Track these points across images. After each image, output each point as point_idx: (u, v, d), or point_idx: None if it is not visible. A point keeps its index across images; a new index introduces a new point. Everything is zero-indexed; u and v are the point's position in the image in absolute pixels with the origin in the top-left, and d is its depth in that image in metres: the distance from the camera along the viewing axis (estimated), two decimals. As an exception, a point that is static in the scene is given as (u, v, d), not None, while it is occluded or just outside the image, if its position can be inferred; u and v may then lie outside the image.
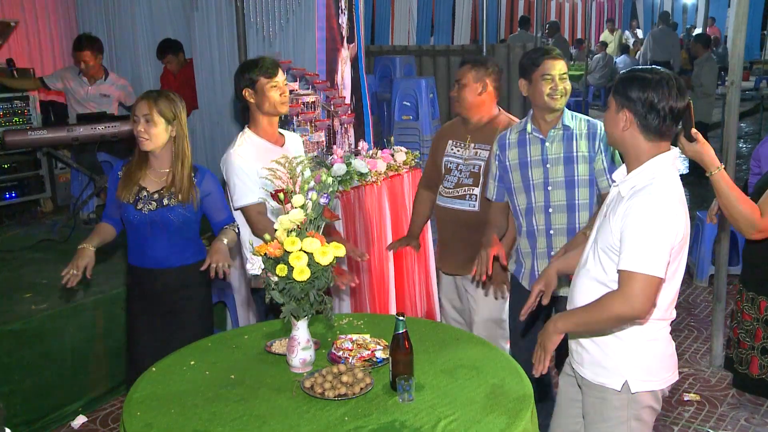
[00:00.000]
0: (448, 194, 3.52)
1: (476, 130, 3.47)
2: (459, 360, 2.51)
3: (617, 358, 2.30)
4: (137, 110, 2.97)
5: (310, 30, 4.91)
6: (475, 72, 3.43)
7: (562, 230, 3.14)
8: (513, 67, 8.75)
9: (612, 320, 2.21)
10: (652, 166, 2.24)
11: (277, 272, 2.32)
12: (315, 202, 2.40)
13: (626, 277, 2.15)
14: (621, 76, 2.29)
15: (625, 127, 2.25)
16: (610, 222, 2.26)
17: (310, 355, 2.46)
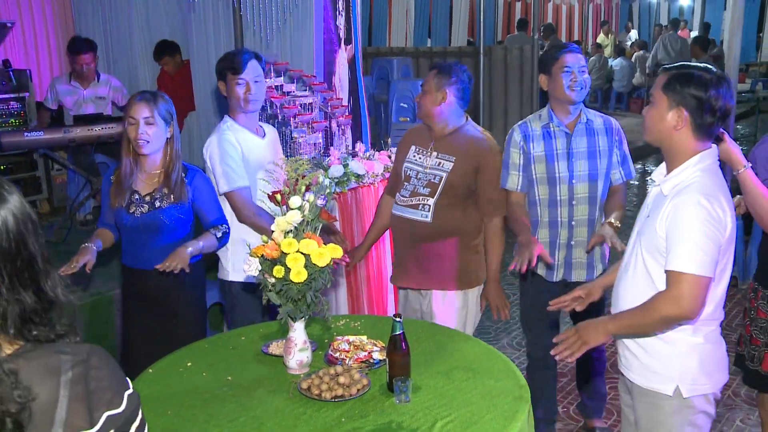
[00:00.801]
0: (403, 203, 3.34)
1: (440, 139, 3.29)
2: (455, 361, 2.51)
3: (667, 363, 2.26)
4: (135, 113, 2.94)
5: (308, 31, 4.91)
6: (437, 80, 3.24)
7: (584, 221, 3.27)
8: (510, 69, 8.78)
9: (660, 322, 2.18)
10: (696, 164, 2.20)
11: (274, 274, 2.32)
12: (312, 203, 2.40)
13: (674, 277, 2.11)
14: (675, 73, 2.22)
15: (678, 126, 2.20)
16: (654, 224, 2.22)
17: (307, 356, 2.46)
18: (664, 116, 2.22)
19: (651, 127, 2.28)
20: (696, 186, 2.16)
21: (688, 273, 2.09)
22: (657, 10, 21.33)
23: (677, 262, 2.11)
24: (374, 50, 10.07)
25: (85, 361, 1.18)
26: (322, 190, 2.46)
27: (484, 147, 3.26)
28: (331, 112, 4.68)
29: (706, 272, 2.09)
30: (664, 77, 2.24)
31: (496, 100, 8.92)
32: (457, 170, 3.21)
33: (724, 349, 2.33)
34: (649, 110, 2.28)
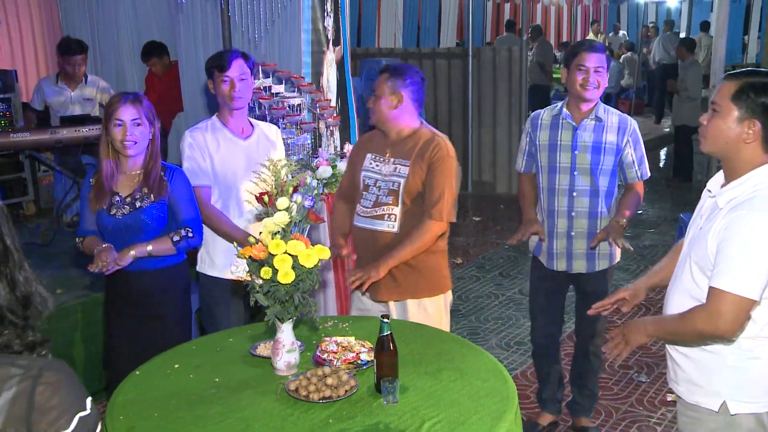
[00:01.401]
0: (366, 214, 3.14)
1: (396, 144, 3.14)
2: (443, 362, 2.51)
3: (715, 377, 2.15)
4: (122, 114, 2.94)
5: (296, 32, 4.90)
6: (391, 83, 3.10)
7: (584, 213, 3.36)
8: (498, 70, 8.80)
9: (695, 335, 2.12)
10: (756, 178, 2.07)
11: (262, 275, 2.32)
12: (299, 204, 2.40)
13: (715, 294, 2.02)
14: (747, 82, 2.07)
15: (747, 138, 2.07)
16: (706, 236, 2.11)
17: (295, 357, 2.46)
18: (733, 127, 2.08)
19: (716, 137, 2.13)
20: (752, 202, 2.03)
21: (731, 293, 1.99)
22: (645, 11, 21.42)
23: (722, 279, 2.01)
24: (363, 51, 10.07)
25: (35, 377, 1.13)
26: (310, 191, 2.46)
27: (438, 150, 3.07)
28: (319, 114, 4.68)
29: (750, 294, 1.99)
30: (734, 85, 2.08)
31: (485, 101, 8.94)
32: (413, 174, 3.06)
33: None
34: (713, 120, 2.13)
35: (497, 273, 6.20)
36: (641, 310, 5.13)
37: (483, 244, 6.93)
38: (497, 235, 7.06)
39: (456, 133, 9.19)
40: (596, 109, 3.33)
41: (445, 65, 9.17)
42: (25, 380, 1.12)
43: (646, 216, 8.11)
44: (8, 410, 1.10)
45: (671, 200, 8.88)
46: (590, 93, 3.27)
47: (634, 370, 4.37)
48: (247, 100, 3.36)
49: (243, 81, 3.28)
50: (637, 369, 4.39)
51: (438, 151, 3.07)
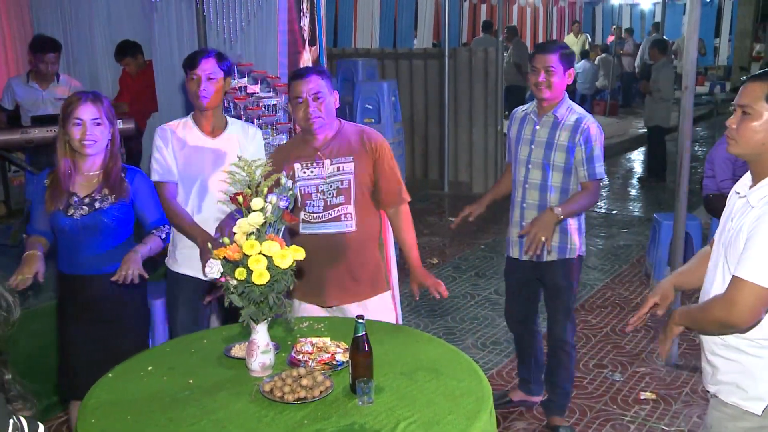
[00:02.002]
0: (318, 219, 3.08)
1: (326, 145, 3.08)
2: (419, 362, 2.52)
3: (759, 381, 2.12)
4: (82, 113, 2.89)
5: (272, 33, 4.89)
6: (328, 83, 3.07)
7: (534, 205, 3.51)
8: (474, 71, 8.83)
9: (713, 324, 2.14)
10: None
11: (236, 276, 2.31)
12: (274, 205, 2.39)
13: (735, 283, 2.04)
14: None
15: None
16: (738, 235, 2.11)
17: (270, 358, 2.45)
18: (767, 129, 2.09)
19: (748, 139, 2.12)
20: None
21: (750, 281, 2.00)
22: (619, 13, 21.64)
23: (743, 269, 2.03)
24: (339, 52, 10.06)
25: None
26: (285, 191, 2.45)
27: (374, 136, 3.12)
28: (294, 114, 4.66)
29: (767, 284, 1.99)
30: (764, 86, 2.09)
31: (461, 102, 8.98)
32: (359, 168, 3.06)
33: None
34: (745, 122, 2.12)
35: (473, 273, 6.23)
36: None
37: (459, 244, 6.95)
38: (473, 235, 7.08)
39: (432, 133, 9.22)
40: (557, 107, 3.45)
41: (421, 66, 9.19)
42: None
43: (620, 216, 8.20)
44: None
45: (645, 200, 8.98)
46: (543, 92, 3.41)
47: (608, 368, 4.42)
48: (213, 100, 3.25)
49: (210, 80, 3.20)
50: (611, 368, 4.43)
51: (375, 140, 3.11)
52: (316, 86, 3.00)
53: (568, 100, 3.50)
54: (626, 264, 6.46)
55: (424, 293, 3.20)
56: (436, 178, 9.26)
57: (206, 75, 3.20)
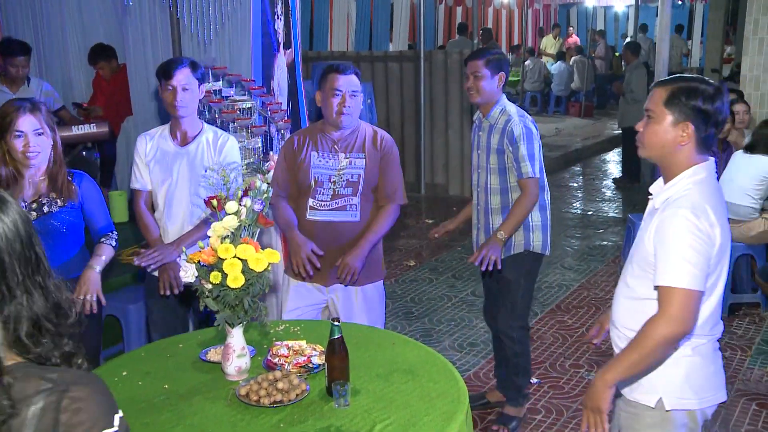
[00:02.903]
0: (324, 207, 3.28)
1: (342, 140, 3.31)
2: (395, 364, 2.52)
3: (653, 375, 2.20)
4: (22, 125, 2.83)
5: (246, 36, 4.87)
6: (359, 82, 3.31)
7: (483, 209, 3.65)
8: (450, 73, 8.87)
9: (661, 345, 2.08)
10: (689, 177, 2.16)
11: (211, 279, 2.30)
12: (249, 208, 2.39)
13: (665, 293, 2.06)
14: (678, 87, 2.15)
15: (683, 141, 2.15)
16: (643, 237, 2.19)
17: (246, 362, 2.44)
18: (668, 131, 2.15)
19: (654, 143, 2.20)
20: (684, 200, 2.10)
21: (679, 288, 2.04)
22: (593, 15, 21.85)
23: (667, 277, 2.05)
24: (315, 55, 10.05)
25: (62, 392, 1.13)
26: (260, 194, 2.44)
27: (387, 140, 3.39)
28: (270, 117, 4.65)
29: (696, 286, 2.05)
30: (665, 91, 2.16)
31: (437, 104, 9.01)
32: (369, 166, 3.30)
33: (717, 366, 2.27)
34: (649, 126, 2.20)
35: (450, 275, 6.25)
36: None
37: (436, 246, 6.97)
38: (450, 237, 7.11)
39: (408, 135, 9.24)
40: (490, 112, 3.52)
41: (397, 68, 9.21)
42: (53, 394, 1.12)
43: (595, 217, 8.27)
44: (36, 424, 1.11)
45: (620, 201, 9.07)
46: (473, 97, 3.52)
47: (584, 368, 4.45)
48: (190, 109, 3.33)
49: (186, 91, 3.24)
50: (588, 367, 4.46)
51: (388, 143, 3.38)
52: (354, 83, 3.25)
53: (502, 103, 3.51)
54: (602, 264, 6.52)
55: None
56: (413, 180, 9.28)
57: (181, 86, 3.23)
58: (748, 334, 4.93)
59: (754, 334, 4.94)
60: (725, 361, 4.42)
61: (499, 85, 3.49)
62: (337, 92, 3.22)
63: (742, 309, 5.32)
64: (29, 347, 1.14)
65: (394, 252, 6.76)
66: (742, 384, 4.23)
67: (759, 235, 5.09)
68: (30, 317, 1.14)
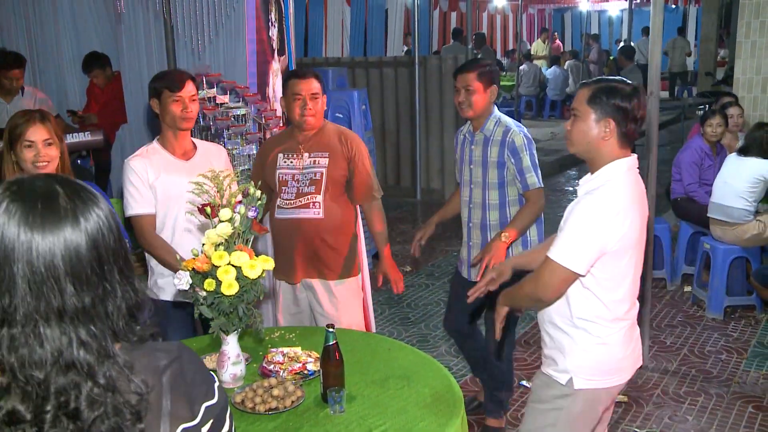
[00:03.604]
0: (289, 205, 3.35)
1: (307, 140, 3.37)
2: (390, 370, 2.52)
3: (567, 357, 2.39)
4: (32, 135, 2.81)
5: (240, 43, 4.88)
6: (320, 86, 3.37)
7: (477, 225, 3.54)
8: (445, 78, 8.88)
9: (525, 298, 2.41)
10: (609, 170, 2.33)
11: (206, 287, 2.30)
12: (243, 215, 2.39)
13: (545, 262, 2.30)
14: (598, 87, 2.34)
15: (606, 136, 2.32)
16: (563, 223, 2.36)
17: (241, 369, 2.44)
18: (592, 128, 2.33)
19: (579, 139, 2.37)
20: (600, 190, 2.28)
21: (556, 262, 2.25)
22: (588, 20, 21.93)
23: (553, 250, 2.28)
24: (310, 61, 10.06)
25: (179, 358, 1.22)
26: (253, 201, 2.44)
27: (352, 137, 3.42)
28: (264, 124, 4.66)
29: (572, 266, 2.24)
30: (588, 91, 2.35)
31: (432, 109, 9.02)
32: (333, 164, 3.33)
33: (624, 351, 2.42)
34: (575, 123, 2.37)
35: (446, 280, 6.24)
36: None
37: (432, 251, 6.97)
38: (446, 242, 7.11)
39: (404, 140, 9.25)
40: (484, 125, 3.43)
41: (392, 74, 9.22)
42: (174, 362, 1.21)
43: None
44: (172, 386, 1.19)
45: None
46: (464, 112, 3.43)
47: (580, 372, 4.45)
48: (195, 120, 3.28)
49: (194, 102, 3.20)
50: (584, 371, 4.46)
51: (354, 141, 3.40)
52: (315, 87, 3.31)
53: (495, 115, 3.45)
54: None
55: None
56: (409, 185, 9.28)
57: (190, 97, 3.18)
58: (744, 337, 4.94)
59: (750, 336, 4.95)
60: (721, 364, 4.47)
61: (492, 98, 3.43)
62: (298, 96, 3.29)
63: (737, 312, 5.34)
64: (129, 336, 1.18)
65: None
66: (738, 386, 4.24)
67: (753, 237, 5.11)
68: (128, 308, 1.18)
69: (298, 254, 3.37)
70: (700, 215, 5.44)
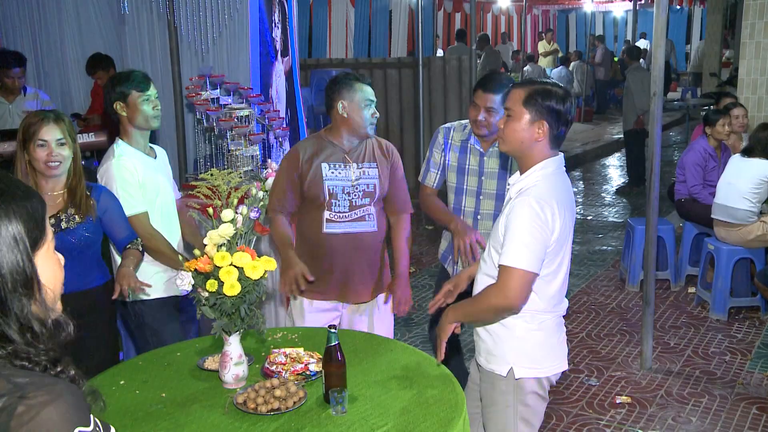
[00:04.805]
0: (343, 218, 3.20)
1: (352, 150, 3.23)
2: (392, 371, 2.52)
3: (504, 347, 2.47)
4: (46, 134, 2.83)
5: (244, 44, 4.89)
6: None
7: (487, 235, 3.29)
8: (449, 79, 8.89)
9: (491, 311, 2.40)
10: (539, 170, 2.39)
11: (208, 287, 2.30)
12: (245, 216, 2.39)
13: (503, 271, 2.32)
14: (533, 89, 2.38)
15: (538, 137, 2.38)
16: (498, 221, 2.43)
17: (243, 370, 2.44)
18: (526, 128, 2.38)
19: (512, 138, 2.41)
20: (533, 190, 2.34)
21: (515, 268, 2.29)
22: (592, 21, 21.89)
23: (506, 258, 2.30)
24: (314, 62, 10.07)
25: (21, 397, 1.09)
26: (256, 202, 2.45)
27: (392, 149, 3.37)
28: (268, 125, 4.66)
29: (530, 268, 2.30)
30: (523, 92, 2.39)
31: (436, 110, 9.02)
32: (381, 175, 3.27)
33: (560, 339, 2.54)
34: (509, 123, 2.41)
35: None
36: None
37: (436, 252, 6.93)
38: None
39: (408, 142, 9.25)
40: None
41: (395, 75, 9.23)
42: (11, 398, 1.09)
43: (595, 222, 8.27)
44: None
45: (620, 206, 9.06)
46: (480, 131, 3.29)
47: (584, 373, 4.44)
48: None
49: (158, 100, 3.28)
50: (587, 373, 4.46)
51: (394, 151, 3.36)
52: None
53: None
54: (602, 269, 6.52)
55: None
56: (412, 187, 9.18)
57: (155, 95, 3.27)
58: (748, 338, 4.92)
59: (754, 337, 4.94)
60: (725, 365, 4.46)
61: None
62: (369, 102, 3.17)
63: (741, 313, 5.32)
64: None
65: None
66: (742, 388, 4.22)
67: (757, 238, 5.09)
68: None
69: (353, 272, 3.22)
70: (704, 216, 5.43)
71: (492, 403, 2.54)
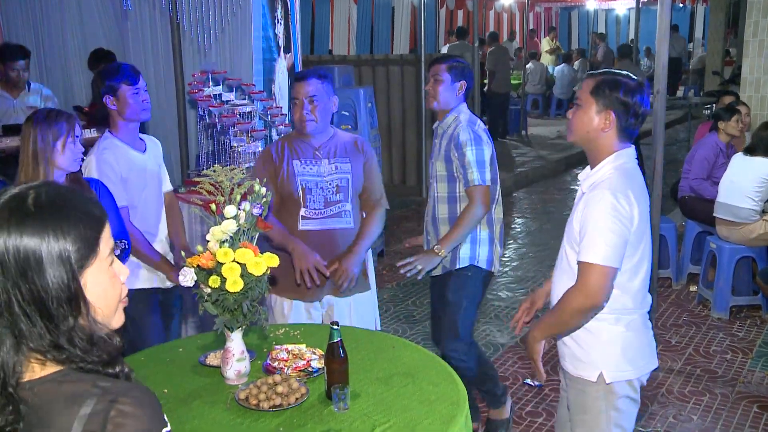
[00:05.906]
0: (318, 215, 3.20)
1: (322, 146, 3.23)
2: (394, 367, 2.52)
3: (592, 351, 2.41)
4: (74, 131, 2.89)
5: (246, 40, 4.89)
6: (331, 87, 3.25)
7: (444, 220, 3.43)
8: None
9: (575, 314, 2.32)
10: (611, 162, 2.35)
11: (210, 284, 2.30)
12: (248, 212, 2.39)
13: (582, 268, 2.27)
14: (603, 79, 2.35)
15: (605, 128, 2.35)
16: (572, 218, 2.38)
17: (245, 366, 2.44)
18: (593, 118, 2.35)
19: (579, 128, 2.40)
20: (607, 183, 2.30)
21: (594, 264, 2.23)
22: (594, 18, 21.88)
23: (585, 254, 2.26)
24: (316, 58, 10.06)
25: (111, 401, 1.14)
26: (258, 198, 2.45)
27: (366, 144, 3.36)
28: (270, 121, 4.66)
29: (610, 263, 2.24)
30: (592, 82, 2.37)
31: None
32: (355, 171, 3.24)
33: (648, 337, 2.47)
34: (576, 112, 2.40)
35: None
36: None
37: (437, 249, 6.96)
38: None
39: (409, 139, 9.24)
40: (444, 119, 3.41)
41: (398, 72, 9.22)
42: (101, 402, 1.14)
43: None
44: (84, 424, 1.13)
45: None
46: (429, 101, 3.43)
47: (585, 371, 4.44)
48: None
49: (147, 92, 3.29)
50: (588, 370, 4.45)
51: (367, 146, 3.34)
52: (313, 89, 3.12)
53: (458, 110, 3.39)
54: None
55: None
56: (414, 184, 9.28)
57: (144, 88, 3.27)
58: (749, 337, 4.92)
59: (755, 336, 4.94)
60: (726, 363, 4.46)
61: (458, 93, 3.38)
62: (296, 100, 3.15)
63: (743, 311, 5.32)
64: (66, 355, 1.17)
65: (396, 256, 6.75)
66: (743, 386, 4.23)
67: (759, 237, 5.09)
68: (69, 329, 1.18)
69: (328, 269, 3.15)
70: (707, 214, 5.43)
71: (583, 410, 2.47)
